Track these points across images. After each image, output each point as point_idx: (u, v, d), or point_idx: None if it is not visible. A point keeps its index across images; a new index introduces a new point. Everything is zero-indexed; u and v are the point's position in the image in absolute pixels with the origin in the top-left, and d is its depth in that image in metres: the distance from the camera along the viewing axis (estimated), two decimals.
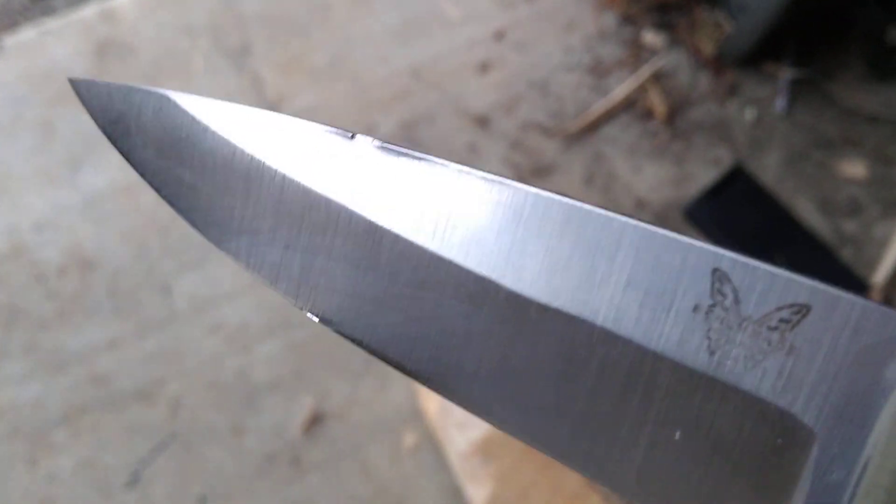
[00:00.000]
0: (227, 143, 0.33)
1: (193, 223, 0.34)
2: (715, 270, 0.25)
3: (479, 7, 1.46)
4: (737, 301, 0.24)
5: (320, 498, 1.09)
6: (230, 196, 0.33)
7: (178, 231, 1.25)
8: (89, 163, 1.30)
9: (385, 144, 0.30)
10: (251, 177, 0.32)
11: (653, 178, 1.31)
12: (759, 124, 1.36)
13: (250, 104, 1.21)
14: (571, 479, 0.98)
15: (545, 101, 1.39)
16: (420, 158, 0.30)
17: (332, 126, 0.32)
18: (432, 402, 1.04)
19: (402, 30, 1.44)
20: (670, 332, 0.25)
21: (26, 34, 1.42)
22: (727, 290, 0.25)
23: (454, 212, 0.29)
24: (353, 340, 0.31)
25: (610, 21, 1.45)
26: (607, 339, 0.26)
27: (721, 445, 0.25)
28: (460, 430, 1.00)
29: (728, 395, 0.24)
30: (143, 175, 0.35)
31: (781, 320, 0.24)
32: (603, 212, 0.27)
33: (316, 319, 0.32)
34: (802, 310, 0.24)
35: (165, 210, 1.14)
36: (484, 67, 1.41)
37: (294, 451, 1.12)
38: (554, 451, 0.28)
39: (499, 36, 1.44)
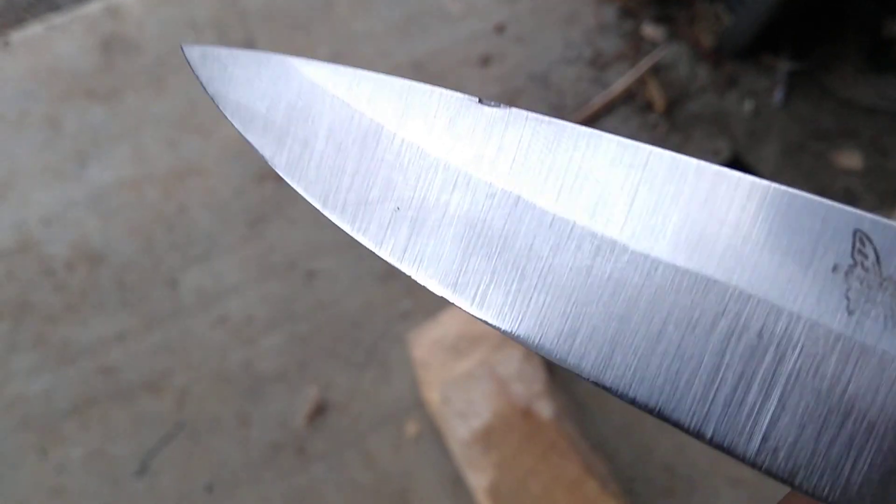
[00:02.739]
0: (346, 107, 0.33)
1: (297, 184, 0.34)
2: (856, 231, 0.24)
3: (480, 1, 1.47)
4: (878, 261, 0.24)
5: (324, 486, 1.11)
6: (342, 159, 0.33)
7: (184, 225, 1.27)
8: (96, 158, 1.32)
9: (512, 108, 0.30)
10: (368, 140, 0.32)
11: None
12: (757, 116, 1.38)
13: None
14: (570, 467, 0.99)
15: (546, 94, 1.40)
16: (549, 122, 0.29)
17: (456, 91, 0.32)
18: (434, 393, 1.06)
19: (404, 24, 1.46)
20: (808, 292, 0.25)
21: (32, 30, 1.44)
22: (868, 250, 0.24)
23: (581, 174, 0.28)
24: (464, 307, 0.30)
25: (610, 14, 1.46)
26: (740, 300, 0.25)
27: (856, 407, 0.24)
28: (461, 419, 1.02)
29: (866, 356, 0.24)
30: (249, 140, 0.35)
31: None
32: (747, 177, 0.26)
33: (423, 282, 0.31)
34: None
35: (171, 205, 1.16)
36: (485, 61, 1.42)
37: (299, 441, 1.13)
38: (672, 417, 0.27)
39: (499, 29, 1.45)
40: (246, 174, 1.30)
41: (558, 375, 1.15)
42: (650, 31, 1.44)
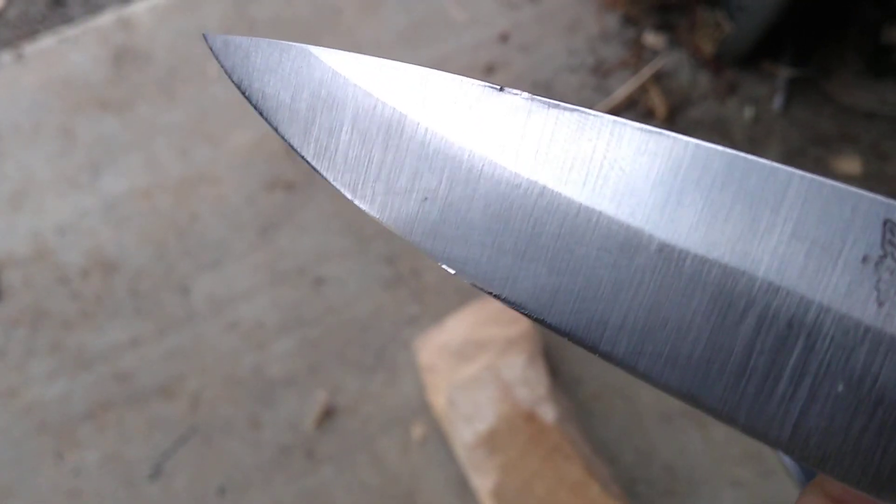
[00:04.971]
0: (368, 96, 0.33)
1: (326, 173, 0.34)
2: (886, 221, 0.24)
3: (485, 10, 1.50)
4: None
5: (333, 488, 1.13)
6: (368, 148, 0.33)
7: (196, 233, 1.30)
8: (109, 168, 1.35)
9: (535, 97, 0.30)
10: (392, 129, 0.32)
11: None
12: (758, 122, 1.39)
13: None
14: (573, 470, 1.01)
15: None
16: (572, 110, 0.29)
17: (478, 80, 0.31)
18: (440, 396, 1.08)
19: (410, 33, 1.48)
20: (837, 284, 0.24)
21: (45, 42, 1.47)
22: None
23: (606, 163, 0.28)
24: (491, 293, 0.30)
25: (612, 22, 1.48)
26: (769, 291, 0.25)
27: (886, 397, 0.24)
28: (466, 422, 1.04)
29: None
30: (276, 129, 0.35)
31: None
32: (767, 162, 0.26)
33: (452, 272, 0.31)
34: None
35: (183, 213, 1.19)
36: (489, 69, 1.44)
37: (308, 444, 1.16)
38: (704, 404, 0.26)
39: (503, 38, 1.47)
40: (256, 182, 1.33)
41: (561, 380, 1.17)
42: (652, 39, 1.46)
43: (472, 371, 1.07)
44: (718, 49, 1.43)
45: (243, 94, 0.36)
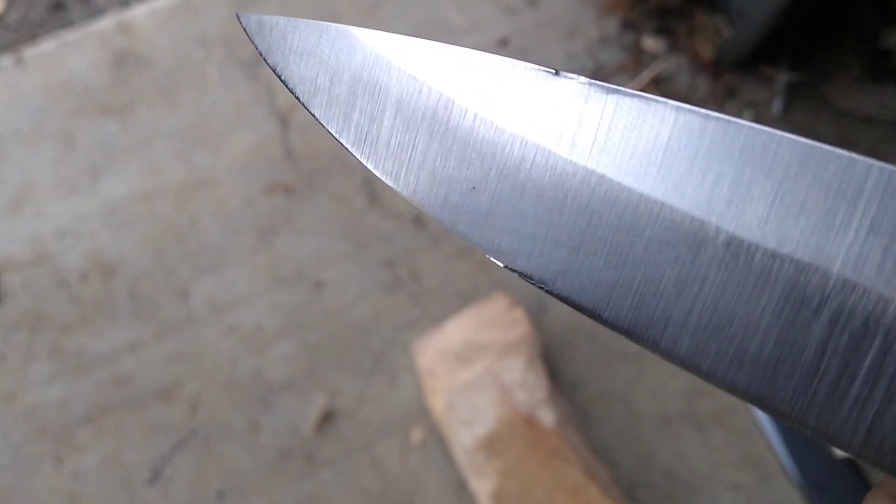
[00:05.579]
0: (413, 80, 0.32)
1: (366, 160, 0.33)
2: None
3: (484, 15, 1.50)
4: None
5: (333, 492, 1.13)
6: (412, 134, 0.32)
7: (195, 237, 1.30)
8: (109, 172, 1.35)
9: (593, 82, 0.29)
10: (438, 115, 0.31)
11: None
12: None
13: (263, 113, 1.24)
14: (573, 473, 1.01)
15: None
16: (633, 96, 0.28)
17: (531, 62, 0.31)
18: (439, 400, 1.08)
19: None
20: None
21: (45, 46, 1.47)
22: None
23: (670, 151, 0.27)
24: (542, 287, 0.29)
25: (611, 27, 1.48)
26: (844, 288, 0.24)
27: None
28: (466, 426, 1.04)
29: None
30: (314, 114, 0.34)
31: None
32: (845, 152, 0.24)
33: (500, 265, 0.30)
34: None
35: (182, 217, 1.19)
36: None
37: (307, 448, 1.16)
38: (772, 406, 0.25)
39: (503, 43, 1.47)
40: (256, 186, 1.33)
41: (561, 384, 1.17)
42: (651, 43, 1.46)
43: (471, 375, 1.07)
44: (717, 53, 1.43)
45: (279, 77, 0.35)
